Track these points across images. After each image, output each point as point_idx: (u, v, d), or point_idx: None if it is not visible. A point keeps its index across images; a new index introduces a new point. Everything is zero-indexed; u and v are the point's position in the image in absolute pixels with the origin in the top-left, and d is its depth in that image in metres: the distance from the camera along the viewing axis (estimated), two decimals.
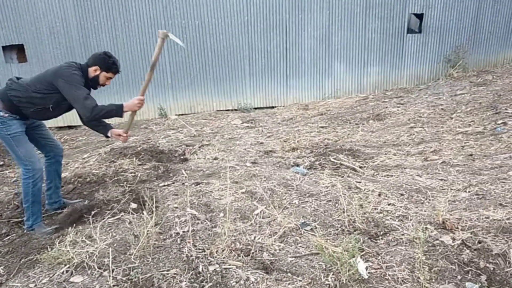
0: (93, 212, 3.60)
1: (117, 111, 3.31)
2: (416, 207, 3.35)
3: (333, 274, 2.45)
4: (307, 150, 5.59)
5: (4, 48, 8.84)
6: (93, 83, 3.41)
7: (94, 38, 8.92)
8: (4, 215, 3.72)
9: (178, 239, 2.97)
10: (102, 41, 8.95)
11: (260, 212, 3.40)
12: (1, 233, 3.44)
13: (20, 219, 3.63)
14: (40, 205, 3.47)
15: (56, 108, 3.35)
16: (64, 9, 8.69)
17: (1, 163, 5.98)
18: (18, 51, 9.04)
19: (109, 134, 3.56)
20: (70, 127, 8.63)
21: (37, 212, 3.42)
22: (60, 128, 8.80)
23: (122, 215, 3.50)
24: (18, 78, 3.34)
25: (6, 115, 3.22)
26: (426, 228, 2.89)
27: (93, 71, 3.35)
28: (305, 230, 3.06)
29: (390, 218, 3.16)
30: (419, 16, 10.23)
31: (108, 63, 3.35)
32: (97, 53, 3.39)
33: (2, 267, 2.89)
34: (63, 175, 3.45)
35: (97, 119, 3.35)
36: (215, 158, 5.43)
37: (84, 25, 8.82)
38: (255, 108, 9.89)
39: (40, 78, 3.27)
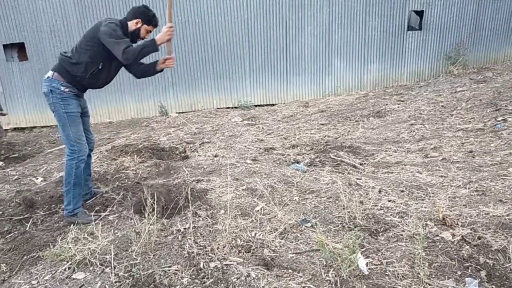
0: (96, 209, 3.62)
1: (151, 46, 3.23)
2: (416, 203, 3.36)
3: (333, 270, 2.46)
4: (308, 147, 5.59)
5: (5, 46, 8.85)
6: (134, 37, 3.39)
7: None
8: (6, 213, 3.73)
9: (179, 236, 2.99)
10: None
11: (261, 208, 3.41)
12: (3, 231, 3.45)
13: (22, 217, 3.64)
14: (81, 189, 3.47)
15: (106, 67, 3.35)
16: (64, 7, 8.70)
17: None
18: (19, 49, 9.06)
19: (158, 68, 3.54)
20: None
21: (78, 196, 3.42)
22: None
23: (123, 212, 3.51)
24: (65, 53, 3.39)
25: (67, 90, 3.25)
26: (426, 224, 2.91)
27: (134, 24, 3.35)
28: (306, 226, 3.08)
29: (391, 215, 3.18)
30: (419, 13, 10.22)
31: (149, 16, 3.36)
32: (135, 6, 3.39)
33: (4, 264, 2.91)
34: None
35: (135, 60, 3.25)
36: (216, 156, 5.44)
37: (85, 23, 8.82)
38: (255, 106, 9.89)
39: (82, 40, 3.27)
